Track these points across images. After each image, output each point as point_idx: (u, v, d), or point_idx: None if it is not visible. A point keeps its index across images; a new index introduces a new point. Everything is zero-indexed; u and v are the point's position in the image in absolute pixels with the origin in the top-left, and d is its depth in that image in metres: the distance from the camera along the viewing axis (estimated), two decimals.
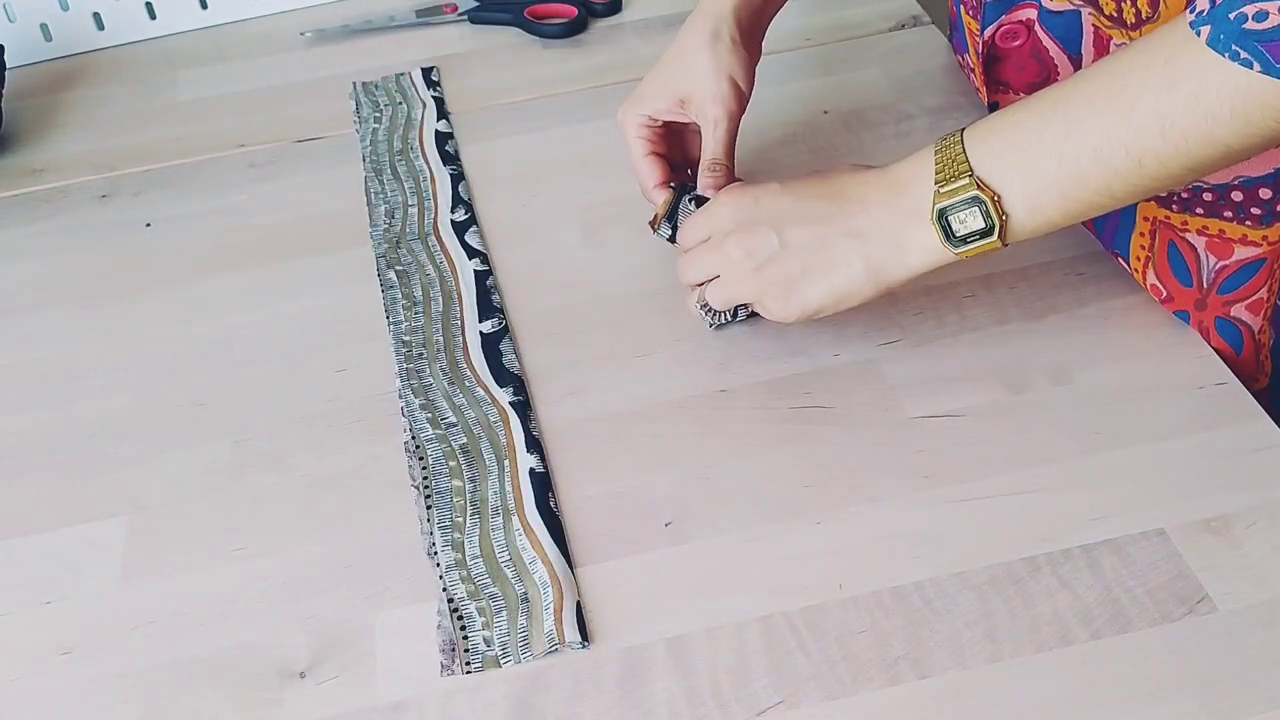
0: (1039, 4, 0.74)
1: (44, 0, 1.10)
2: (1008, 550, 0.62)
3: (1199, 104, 0.56)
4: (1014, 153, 0.62)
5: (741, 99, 0.77)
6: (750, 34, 0.78)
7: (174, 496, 0.70)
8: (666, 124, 0.79)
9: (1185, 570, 0.60)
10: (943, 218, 0.64)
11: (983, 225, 0.63)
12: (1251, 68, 0.54)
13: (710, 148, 0.76)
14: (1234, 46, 0.54)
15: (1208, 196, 0.68)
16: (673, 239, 0.76)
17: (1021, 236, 0.64)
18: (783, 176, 0.70)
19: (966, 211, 0.63)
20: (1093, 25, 0.72)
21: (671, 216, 0.76)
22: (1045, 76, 0.76)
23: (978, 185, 0.62)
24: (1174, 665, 0.57)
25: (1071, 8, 0.72)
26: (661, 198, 0.77)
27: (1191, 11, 0.57)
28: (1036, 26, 0.75)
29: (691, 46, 0.77)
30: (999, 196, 0.62)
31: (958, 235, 0.64)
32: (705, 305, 0.74)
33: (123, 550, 0.68)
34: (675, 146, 0.81)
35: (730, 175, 0.76)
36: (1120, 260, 0.75)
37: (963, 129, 0.65)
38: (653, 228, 0.77)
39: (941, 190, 0.64)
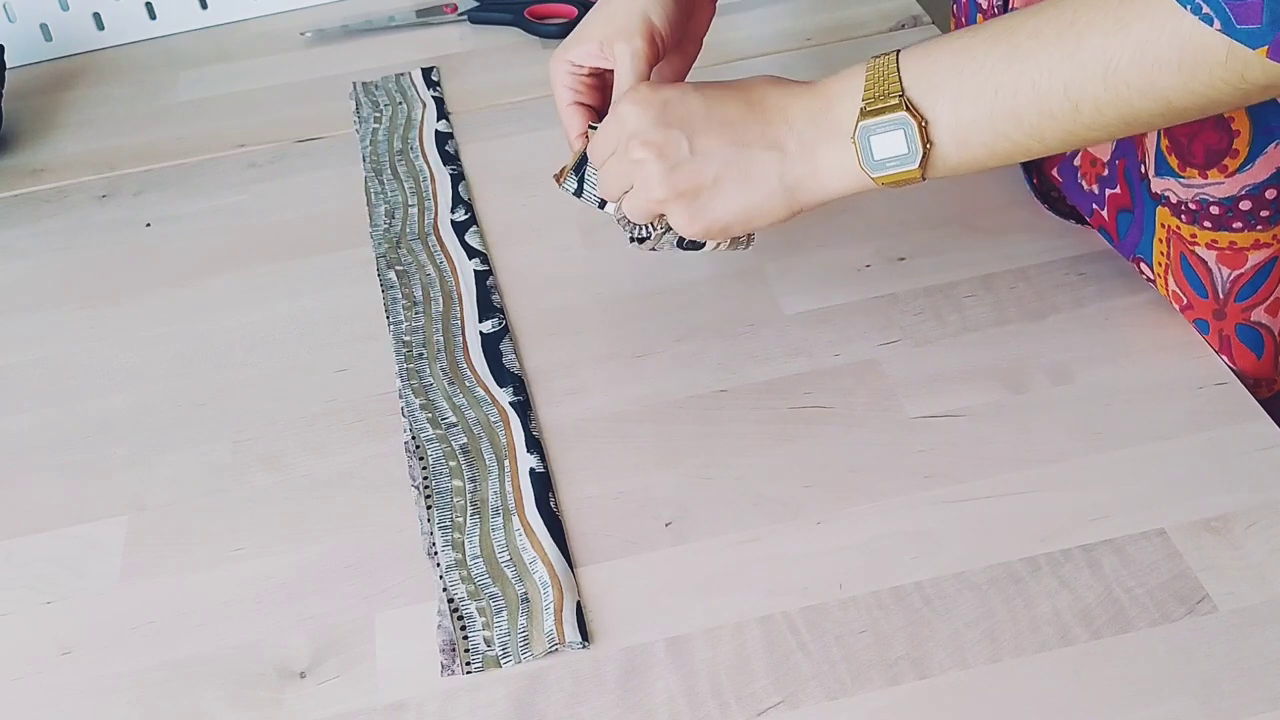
0: None
1: (44, 0, 1.10)
2: (1008, 550, 0.62)
3: (1147, 50, 0.54)
4: (950, 78, 0.60)
5: (653, 37, 0.72)
6: None
7: (174, 496, 0.70)
8: (595, 74, 0.75)
9: (1185, 570, 0.60)
10: (864, 136, 0.61)
11: (904, 150, 0.61)
12: (1211, 24, 0.52)
13: (618, 86, 0.72)
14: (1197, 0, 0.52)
15: (1215, 210, 0.68)
16: (578, 193, 0.74)
17: (943, 171, 0.62)
18: (699, 82, 0.68)
19: (890, 134, 0.61)
20: None
21: (579, 169, 0.73)
22: None
23: (906, 107, 0.60)
24: (1174, 665, 0.57)
25: None
26: (580, 146, 0.74)
27: None
28: None
29: None
30: (927, 122, 0.60)
31: (876, 158, 0.62)
32: (623, 218, 0.70)
33: (123, 550, 0.68)
34: (608, 100, 0.76)
35: None
36: (1143, 265, 0.74)
37: (900, 48, 0.62)
38: (557, 181, 0.74)
39: (868, 109, 0.61)
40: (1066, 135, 0.59)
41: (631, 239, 0.72)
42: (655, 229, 0.71)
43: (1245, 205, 0.67)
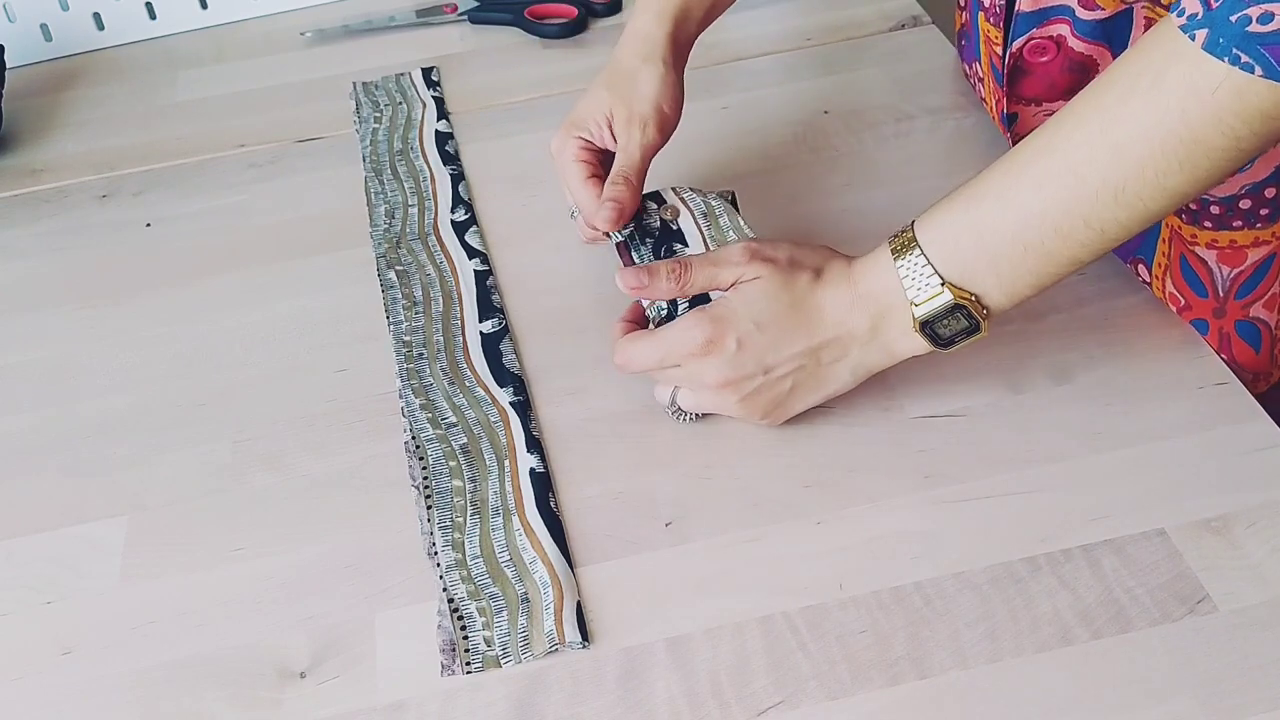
0: (1071, 18, 0.73)
1: (44, 0, 1.10)
2: (1008, 550, 0.62)
3: (1147, 167, 0.56)
4: (978, 253, 0.62)
5: (665, 125, 0.75)
6: (680, 57, 0.77)
7: (174, 496, 0.70)
8: (602, 149, 0.77)
9: (1185, 570, 0.60)
10: (927, 326, 0.64)
11: (967, 324, 0.64)
12: (1252, 71, 0.52)
13: (620, 163, 0.73)
14: (1235, 50, 0.52)
15: (1215, 209, 0.68)
16: (627, 242, 0.74)
17: (1002, 314, 0.65)
18: (752, 298, 0.66)
19: (950, 318, 0.64)
20: (1145, 18, 0.70)
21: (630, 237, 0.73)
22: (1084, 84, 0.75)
23: (954, 292, 0.63)
24: (1174, 665, 0.57)
25: (1122, 8, 0.71)
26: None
27: (1179, 15, 0.55)
28: (1070, 40, 0.73)
29: (625, 69, 0.75)
30: (976, 296, 0.63)
31: (944, 338, 0.65)
32: (675, 407, 0.70)
33: (123, 550, 0.68)
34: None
35: (635, 192, 0.73)
36: (1141, 267, 0.74)
37: (914, 227, 0.64)
38: (608, 234, 0.73)
39: (919, 303, 0.64)
40: (1099, 250, 0.61)
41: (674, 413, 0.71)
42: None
43: (1245, 204, 0.67)
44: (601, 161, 0.77)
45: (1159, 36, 0.56)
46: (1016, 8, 0.75)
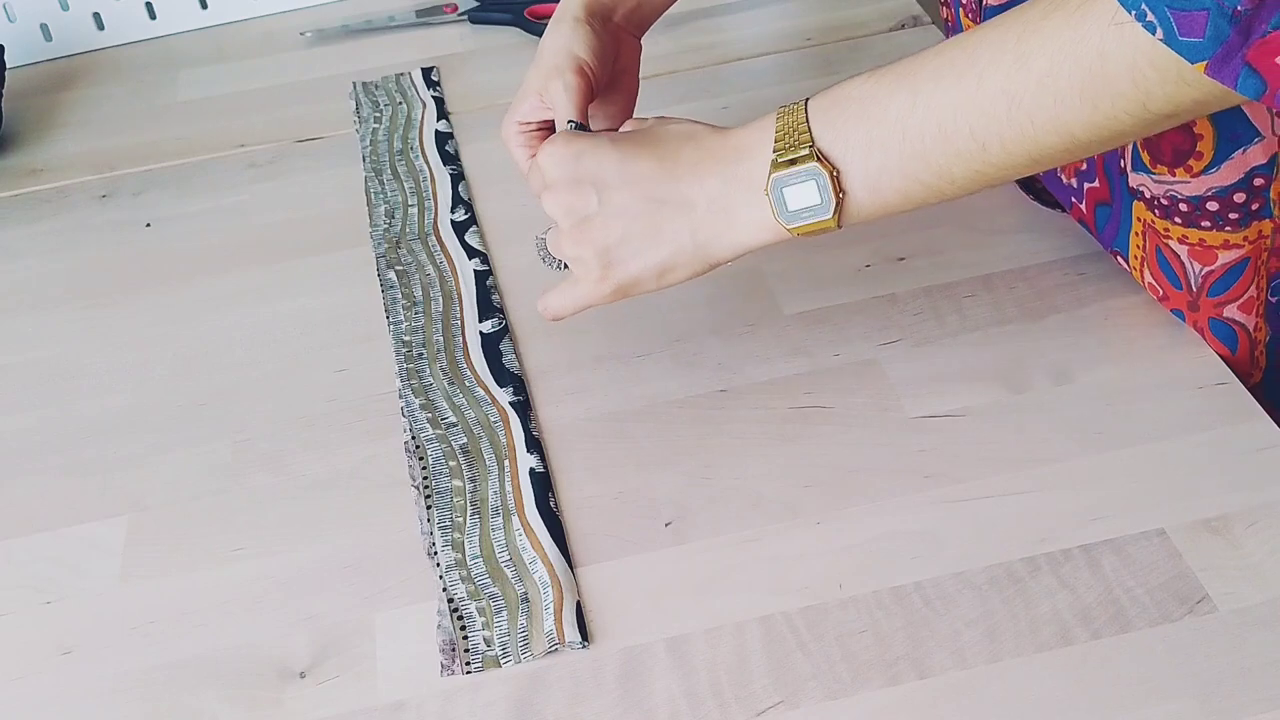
0: None
1: (44, 0, 1.10)
2: (1008, 550, 0.62)
3: (1048, 86, 0.53)
4: (857, 126, 0.59)
5: (582, 69, 0.72)
6: (600, 15, 0.75)
7: (174, 496, 0.70)
8: (544, 127, 0.76)
9: (1185, 570, 0.60)
10: (777, 189, 0.61)
11: (818, 201, 0.60)
12: (1154, 33, 0.50)
13: (558, 122, 0.72)
14: (1143, 4, 0.49)
15: (1184, 207, 0.68)
16: None
17: (858, 218, 0.61)
18: (616, 133, 0.67)
19: (802, 185, 0.60)
20: None
21: None
22: None
23: (817, 158, 0.59)
24: (1174, 665, 0.57)
25: None
26: None
27: None
28: None
29: (543, 41, 0.75)
30: (838, 172, 0.60)
31: (790, 209, 0.61)
32: (542, 243, 0.70)
33: (123, 550, 0.68)
34: None
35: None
36: (1120, 259, 0.75)
37: (809, 96, 0.62)
38: None
39: (779, 160, 0.60)
40: (976, 175, 0.58)
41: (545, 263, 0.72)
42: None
43: (1212, 206, 0.67)
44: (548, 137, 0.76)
45: (1033, 4, 0.55)
46: (984, 2, 0.75)
